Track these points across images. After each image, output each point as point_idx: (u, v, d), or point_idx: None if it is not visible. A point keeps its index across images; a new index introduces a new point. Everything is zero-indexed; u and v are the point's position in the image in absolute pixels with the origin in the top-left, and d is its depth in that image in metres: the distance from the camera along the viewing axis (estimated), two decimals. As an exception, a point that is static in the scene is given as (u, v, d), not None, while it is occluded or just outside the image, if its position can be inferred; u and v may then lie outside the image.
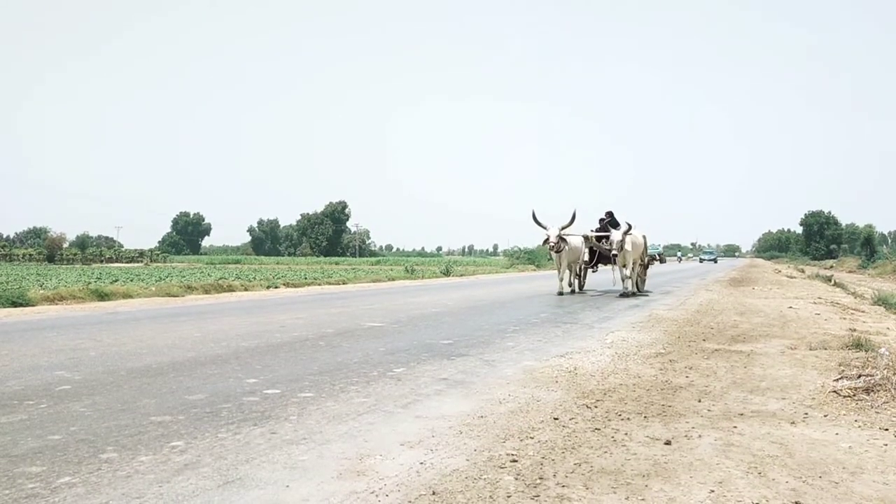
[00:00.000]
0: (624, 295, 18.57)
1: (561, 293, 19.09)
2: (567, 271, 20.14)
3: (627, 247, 18.38)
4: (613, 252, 18.24)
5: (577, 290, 20.52)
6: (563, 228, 18.60)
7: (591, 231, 20.21)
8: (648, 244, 21.41)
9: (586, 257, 20.29)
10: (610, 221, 20.18)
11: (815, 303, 16.14)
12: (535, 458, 4.22)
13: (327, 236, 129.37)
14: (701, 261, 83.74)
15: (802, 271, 46.36)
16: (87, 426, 4.72)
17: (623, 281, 19.17)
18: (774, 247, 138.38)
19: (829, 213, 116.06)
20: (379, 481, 3.78)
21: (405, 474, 3.90)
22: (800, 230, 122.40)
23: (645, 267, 21.37)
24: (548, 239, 18.70)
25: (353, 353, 7.69)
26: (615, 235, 18.35)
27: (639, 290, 20.35)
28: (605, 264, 20.40)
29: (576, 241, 19.74)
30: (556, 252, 18.95)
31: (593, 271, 21.68)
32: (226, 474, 3.82)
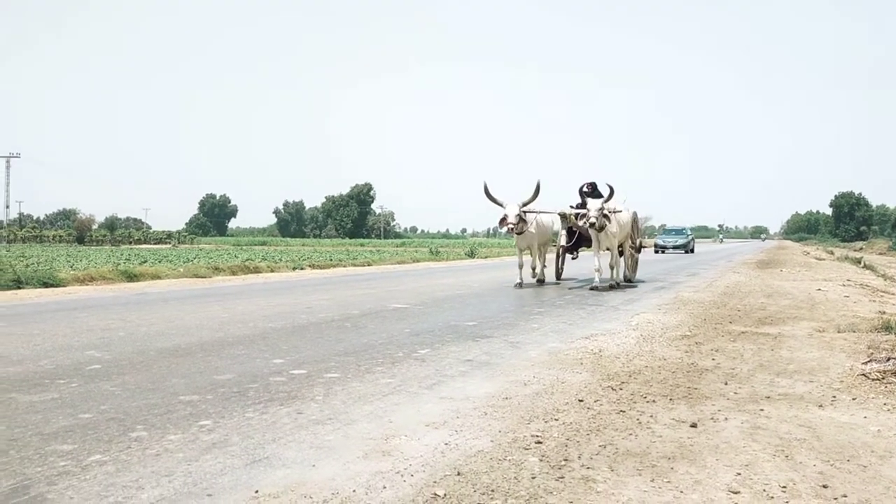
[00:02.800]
0: (595, 288, 14.25)
1: (520, 285, 15.06)
2: (533, 257, 16.35)
3: (611, 227, 14.47)
4: (591, 223, 13.97)
5: (545, 279, 16.63)
6: (524, 205, 14.66)
7: (571, 207, 15.87)
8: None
9: (563, 240, 16.26)
10: (591, 193, 15.72)
11: (843, 285, 15.95)
12: (559, 440, 4.23)
13: (352, 218, 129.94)
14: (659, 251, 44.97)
15: (831, 253, 45.70)
16: (117, 405, 4.80)
17: (600, 271, 14.70)
18: (803, 228, 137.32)
19: (860, 194, 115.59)
20: (404, 461, 3.80)
21: (430, 455, 3.92)
22: (829, 212, 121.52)
23: (636, 250, 17.31)
24: (505, 219, 14.51)
25: (378, 335, 7.72)
26: (591, 205, 14.12)
27: (627, 280, 16.57)
28: (590, 247, 16.10)
29: (546, 219, 16.00)
30: (518, 234, 14.93)
31: (573, 257, 17.85)
32: (253, 453, 3.86)
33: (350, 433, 4.26)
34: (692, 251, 43.19)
